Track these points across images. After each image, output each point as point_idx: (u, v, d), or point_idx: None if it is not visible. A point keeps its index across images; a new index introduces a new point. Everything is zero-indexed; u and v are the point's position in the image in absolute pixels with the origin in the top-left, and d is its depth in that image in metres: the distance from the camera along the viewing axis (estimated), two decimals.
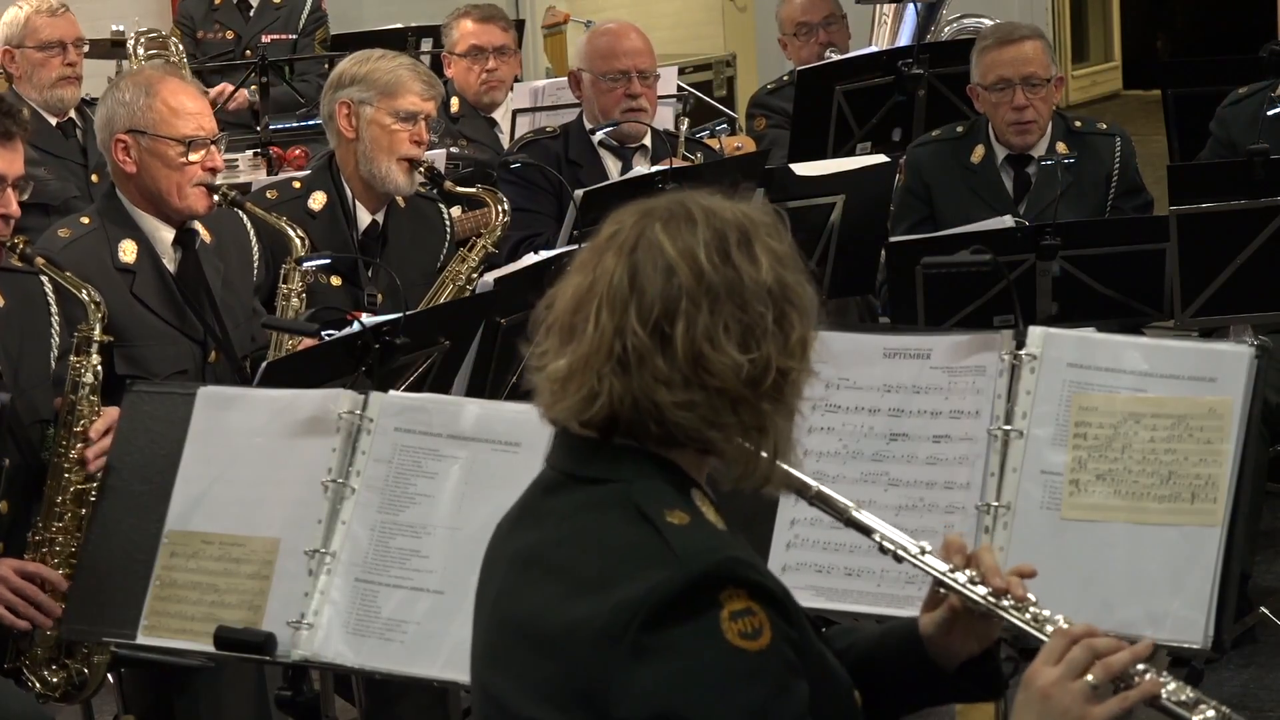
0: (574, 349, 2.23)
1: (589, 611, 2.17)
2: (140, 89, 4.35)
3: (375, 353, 3.64)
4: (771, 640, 2.15)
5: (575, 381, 2.23)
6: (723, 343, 2.20)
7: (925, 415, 3.32)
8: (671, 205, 2.26)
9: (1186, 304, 4.72)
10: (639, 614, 2.13)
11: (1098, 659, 2.26)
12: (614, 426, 2.24)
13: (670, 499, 2.23)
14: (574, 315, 2.24)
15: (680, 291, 2.20)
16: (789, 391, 2.26)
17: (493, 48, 6.96)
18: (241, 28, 8.55)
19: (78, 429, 3.84)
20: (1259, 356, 3.18)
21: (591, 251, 2.27)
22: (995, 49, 5.49)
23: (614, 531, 2.21)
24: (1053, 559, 3.14)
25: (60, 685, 3.88)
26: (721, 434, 2.23)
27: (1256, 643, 5.08)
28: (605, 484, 2.24)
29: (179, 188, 4.31)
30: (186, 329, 4.34)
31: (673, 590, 2.14)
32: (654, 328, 2.19)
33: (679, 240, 2.22)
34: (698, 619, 2.13)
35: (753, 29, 12.13)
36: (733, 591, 2.14)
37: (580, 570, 2.21)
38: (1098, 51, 14.28)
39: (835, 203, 5.28)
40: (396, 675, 3.29)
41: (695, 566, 2.15)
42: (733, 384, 2.20)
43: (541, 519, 2.30)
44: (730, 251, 2.23)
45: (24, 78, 6.39)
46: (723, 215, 2.26)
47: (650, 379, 2.19)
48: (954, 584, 2.41)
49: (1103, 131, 5.66)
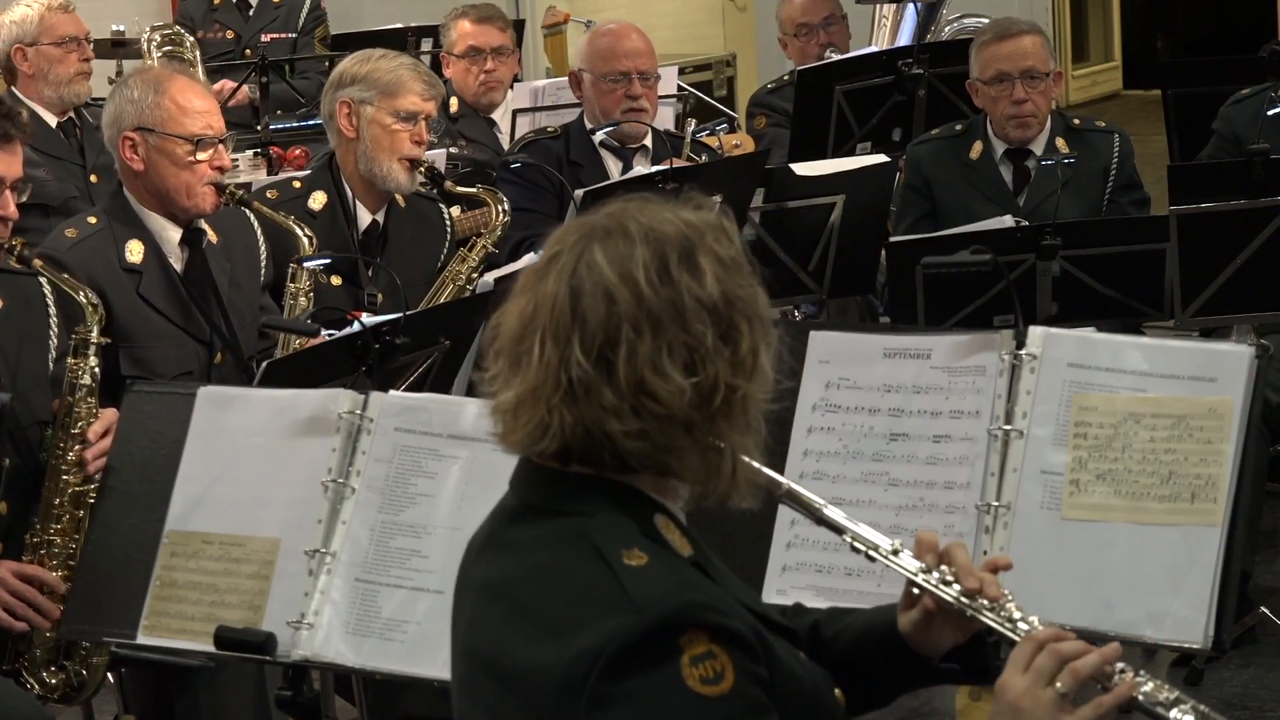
0: (521, 380, 2.21)
1: (550, 659, 2.14)
2: (149, 87, 4.36)
3: (375, 353, 3.64)
4: (735, 683, 2.11)
5: (525, 413, 2.20)
6: (666, 368, 2.16)
7: (925, 415, 3.32)
8: (610, 224, 2.22)
9: (1186, 304, 4.72)
10: (598, 664, 2.10)
11: (1065, 664, 2.23)
12: (569, 456, 2.21)
13: (629, 535, 2.20)
14: (519, 344, 2.22)
15: (621, 318, 2.16)
16: (739, 407, 2.21)
17: (490, 48, 6.97)
18: (241, 27, 8.55)
19: (75, 431, 3.84)
20: (1259, 356, 3.18)
21: (533, 274, 2.24)
22: (994, 43, 5.51)
23: (572, 572, 2.18)
24: (1053, 559, 3.14)
25: (59, 687, 3.88)
26: (677, 457, 2.20)
27: (1256, 643, 5.08)
28: (564, 517, 2.22)
29: (187, 186, 4.32)
30: (192, 329, 4.35)
31: (631, 638, 2.10)
32: (598, 357, 2.16)
33: (618, 262, 2.18)
34: (658, 667, 2.10)
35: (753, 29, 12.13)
36: (693, 635, 2.11)
37: (541, 613, 2.18)
38: (1098, 51, 14.28)
39: (835, 203, 5.29)
40: (397, 675, 3.29)
41: (653, 613, 2.11)
42: (679, 409, 2.16)
43: (504, 550, 2.28)
44: (670, 270, 2.18)
45: (38, 75, 6.40)
46: (663, 231, 2.21)
47: (599, 409, 2.16)
48: (926, 585, 2.39)
49: (1101, 129, 5.68)
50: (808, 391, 3.35)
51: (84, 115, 6.48)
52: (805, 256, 5.33)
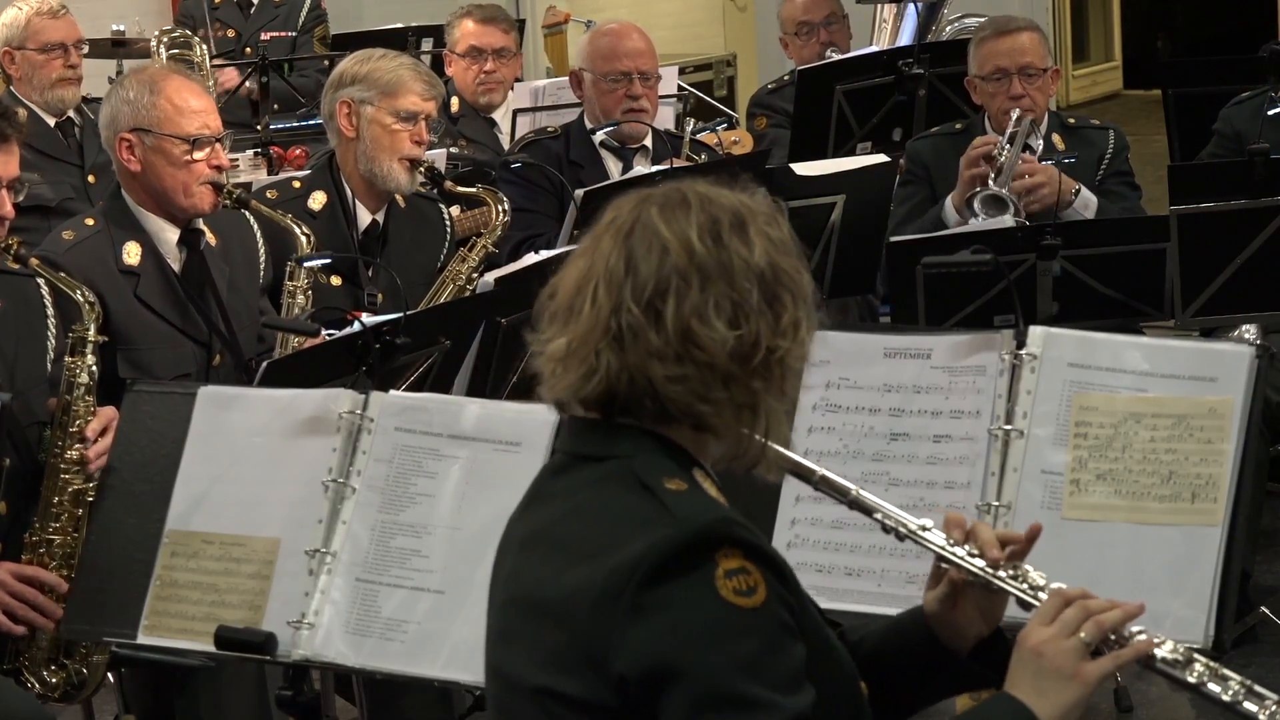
0: (573, 328, 2.30)
1: (588, 576, 2.22)
2: (145, 87, 4.35)
3: (376, 352, 3.64)
4: (766, 599, 2.19)
5: (574, 358, 2.29)
6: (711, 318, 2.26)
7: (926, 415, 3.32)
8: (668, 191, 2.34)
9: (1186, 304, 4.72)
10: (636, 573, 2.19)
11: (1090, 616, 2.31)
12: (613, 403, 2.30)
13: (670, 470, 2.29)
14: (574, 297, 2.31)
15: (672, 270, 2.26)
16: (779, 371, 2.30)
17: (492, 50, 6.97)
18: (241, 26, 8.56)
19: (73, 430, 3.84)
20: (1259, 356, 3.18)
21: (591, 238, 2.35)
22: (992, 39, 5.52)
23: (615, 502, 2.28)
24: (1053, 559, 3.12)
25: (59, 685, 3.88)
26: (713, 409, 2.28)
27: (1257, 642, 5.07)
28: (608, 460, 2.31)
29: (184, 186, 4.31)
30: (190, 330, 4.34)
31: (669, 549, 2.19)
32: (647, 304, 2.26)
33: (673, 223, 2.29)
34: (693, 575, 2.18)
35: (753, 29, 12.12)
36: (728, 551, 2.19)
37: (581, 541, 2.26)
38: (1098, 51, 14.28)
39: (835, 203, 5.28)
40: (397, 675, 3.29)
41: (691, 525, 2.21)
42: (721, 359, 2.26)
43: (548, 500, 2.36)
44: (722, 234, 2.29)
45: (24, 79, 6.40)
46: (719, 201, 2.33)
47: (644, 353, 2.26)
48: (952, 557, 2.45)
49: (1096, 126, 5.70)
50: (808, 392, 3.35)
51: (85, 114, 6.48)
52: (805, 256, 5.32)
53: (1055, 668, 2.30)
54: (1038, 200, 5.29)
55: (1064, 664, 2.29)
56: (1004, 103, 5.46)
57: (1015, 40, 5.49)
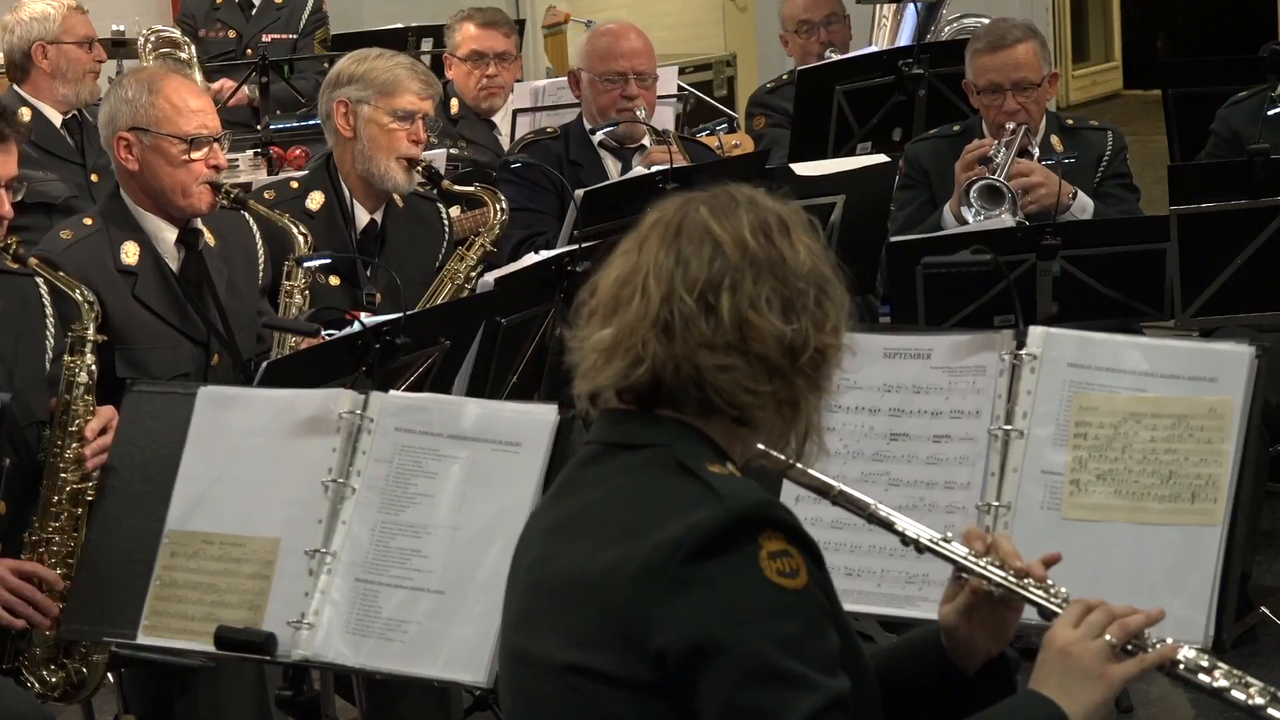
0: (619, 319, 2.32)
1: (627, 552, 2.24)
2: (143, 86, 4.35)
3: (375, 352, 3.64)
4: (808, 583, 2.22)
5: (620, 349, 2.31)
6: (766, 311, 2.29)
7: (926, 415, 3.32)
8: (715, 193, 2.37)
9: (1186, 304, 4.72)
10: (680, 549, 2.21)
11: (1115, 619, 2.34)
12: (654, 395, 2.32)
13: (710, 457, 2.31)
14: (620, 291, 2.33)
15: (725, 265, 2.30)
16: (824, 370, 2.33)
17: (494, 54, 6.97)
18: (243, 27, 8.55)
19: (73, 429, 3.84)
20: (1259, 356, 3.18)
21: (633, 238, 2.37)
22: (986, 53, 5.45)
23: (656, 484, 2.29)
24: None
25: (59, 685, 3.88)
26: (756, 400, 2.30)
27: (1257, 643, 5.07)
28: (647, 448, 2.32)
29: (182, 186, 4.31)
30: (189, 330, 4.34)
31: (714, 527, 2.22)
32: (699, 296, 2.29)
33: (723, 221, 2.33)
34: (737, 553, 2.21)
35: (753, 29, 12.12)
36: (772, 533, 2.23)
37: (620, 521, 2.28)
38: (1098, 51, 14.27)
39: (835, 203, 5.28)
40: (397, 675, 3.29)
41: (737, 506, 2.23)
42: (774, 351, 2.29)
43: (580, 487, 2.37)
44: (772, 233, 2.33)
45: (56, 73, 6.41)
46: (764, 204, 2.36)
47: (694, 343, 2.28)
48: (976, 567, 2.46)
49: (1095, 127, 5.68)
50: None
51: (85, 114, 6.48)
52: None
53: (1082, 668, 2.33)
54: (1035, 201, 5.28)
55: (1091, 664, 2.33)
56: (999, 116, 5.43)
57: (1010, 55, 5.41)
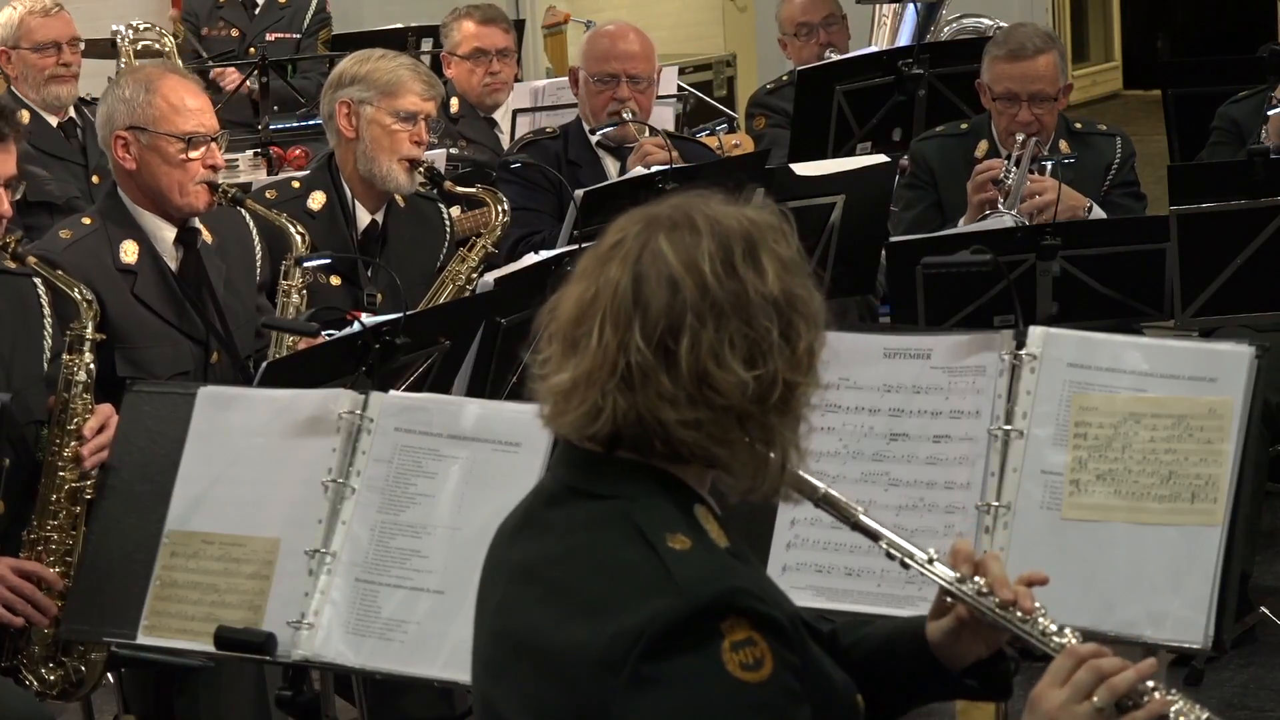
0: (576, 363, 2.20)
1: (588, 636, 2.14)
2: (140, 85, 4.35)
3: (375, 353, 3.64)
4: (773, 671, 2.12)
5: (578, 396, 2.20)
6: (728, 360, 2.16)
7: (925, 415, 3.32)
8: (675, 214, 2.22)
9: (1186, 304, 4.72)
10: (639, 643, 2.11)
11: (1103, 679, 2.24)
12: (618, 441, 2.21)
13: (672, 520, 2.20)
14: (577, 327, 2.21)
15: (685, 307, 2.16)
16: (796, 403, 2.23)
17: (495, 49, 6.97)
18: (246, 25, 8.56)
19: (71, 427, 3.84)
20: (1259, 357, 3.18)
21: (595, 259, 2.23)
22: (1006, 61, 5.39)
23: (614, 553, 2.19)
24: (1053, 559, 3.14)
25: (58, 683, 3.88)
26: (728, 450, 2.20)
27: (1256, 643, 5.08)
28: (607, 500, 2.22)
29: (180, 185, 4.31)
30: (188, 329, 4.34)
31: (673, 620, 2.11)
32: (658, 344, 2.16)
33: (683, 252, 2.18)
34: (699, 650, 2.11)
35: (753, 29, 12.12)
36: (734, 621, 2.12)
37: (580, 591, 2.18)
38: (1098, 51, 14.28)
39: (835, 203, 5.28)
40: (397, 675, 3.29)
41: (696, 596, 2.12)
42: (739, 401, 2.17)
43: (543, 531, 2.27)
44: (735, 264, 2.19)
45: (21, 78, 6.41)
46: (727, 224, 2.22)
47: (655, 396, 2.16)
48: (962, 595, 2.39)
49: (1103, 132, 5.66)
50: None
51: (85, 114, 6.48)
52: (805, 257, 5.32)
53: None
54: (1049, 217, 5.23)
55: None
56: (1011, 124, 5.40)
57: (1030, 66, 5.37)
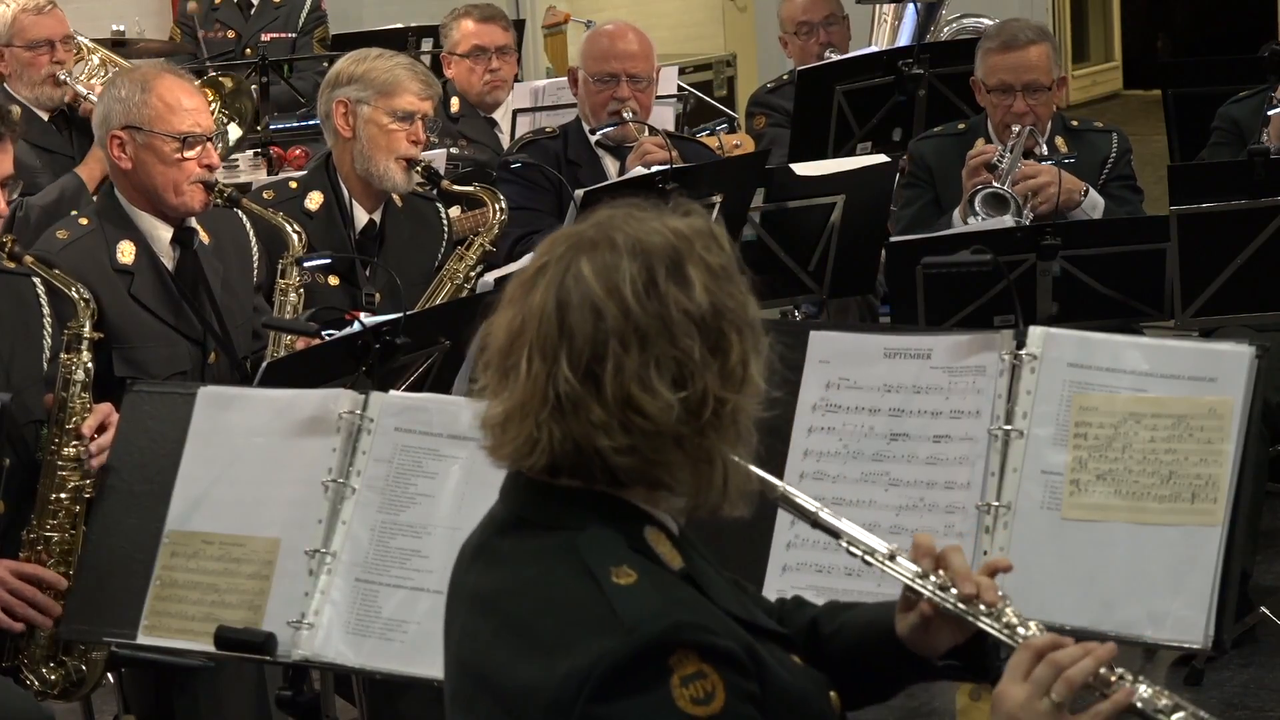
0: (509, 395, 2.20)
1: (540, 678, 2.13)
2: (136, 85, 4.36)
3: (375, 353, 3.64)
4: (726, 702, 2.10)
5: (513, 428, 2.19)
6: (654, 383, 2.15)
7: (925, 415, 3.31)
8: (596, 235, 2.21)
9: (1186, 304, 4.72)
10: (586, 686, 2.10)
11: (1060, 673, 2.24)
12: (559, 470, 2.21)
13: (618, 551, 2.19)
14: (506, 358, 2.21)
15: (607, 333, 2.15)
16: (729, 419, 2.20)
17: (495, 47, 6.98)
18: (242, 26, 8.56)
19: (70, 426, 3.84)
20: (1259, 356, 3.18)
21: (520, 285, 2.23)
22: (999, 53, 5.43)
23: (561, 589, 2.18)
24: (1053, 559, 3.14)
25: (58, 682, 3.89)
26: (667, 470, 2.19)
27: (1257, 643, 5.07)
28: (553, 531, 2.21)
29: (175, 184, 4.32)
30: (185, 329, 4.34)
31: (619, 661, 2.10)
32: (585, 372, 2.15)
33: (604, 275, 2.16)
34: (648, 690, 2.09)
35: (753, 29, 12.13)
36: (682, 655, 2.10)
37: (531, 629, 2.18)
38: (1098, 51, 14.28)
39: (835, 203, 5.28)
40: (397, 675, 3.29)
41: (641, 635, 2.10)
42: (668, 424, 2.15)
43: (494, 562, 2.27)
44: (658, 283, 2.17)
45: (14, 75, 6.40)
46: (650, 242, 2.19)
47: (587, 424, 2.15)
48: (924, 590, 2.38)
49: (1099, 129, 5.67)
50: (808, 391, 3.35)
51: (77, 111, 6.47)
52: (805, 256, 5.33)
53: None
54: (1045, 200, 5.25)
55: None
56: (1006, 116, 5.41)
57: (1023, 56, 5.39)
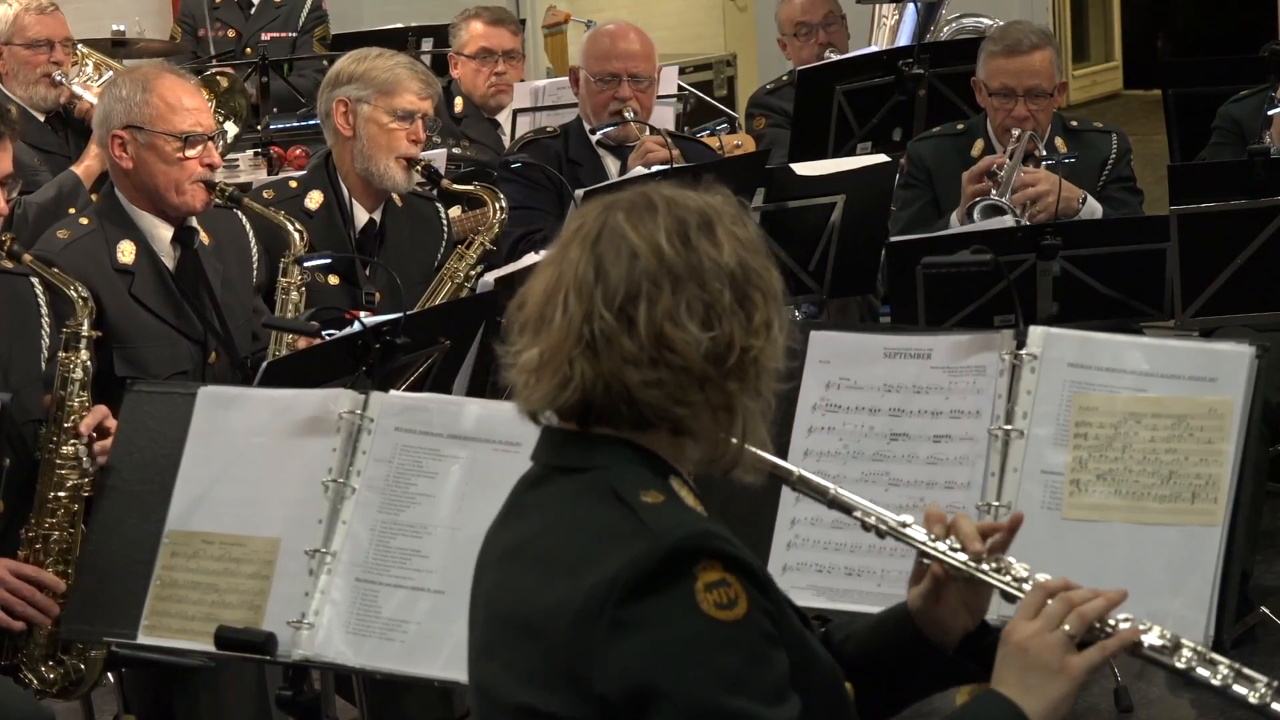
0: (544, 338, 2.29)
1: (567, 592, 2.21)
2: (137, 85, 4.36)
3: (376, 352, 3.64)
4: (748, 611, 2.18)
5: (548, 369, 2.28)
6: (684, 321, 2.24)
7: (926, 415, 3.32)
8: (634, 196, 2.33)
9: (1186, 304, 4.72)
10: (614, 589, 2.17)
11: (1073, 609, 2.31)
12: (588, 413, 2.29)
13: (647, 481, 2.27)
14: (543, 307, 2.30)
15: (642, 274, 2.25)
16: (753, 371, 2.29)
17: (502, 51, 6.97)
18: (242, 26, 8.56)
19: (68, 425, 3.84)
20: (1259, 357, 3.19)
21: (557, 247, 2.33)
22: (1002, 56, 5.41)
23: (591, 516, 2.26)
24: (1053, 559, 3.13)
25: (57, 681, 3.89)
26: (689, 412, 2.27)
27: (1256, 643, 5.07)
28: (584, 472, 2.29)
29: (176, 184, 4.32)
30: (186, 328, 4.35)
31: (647, 564, 2.18)
32: (619, 310, 2.25)
33: (640, 227, 2.28)
34: (672, 590, 2.17)
35: (753, 29, 12.13)
36: (707, 563, 2.18)
37: (560, 556, 2.25)
38: (1098, 51, 14.28)
39: (835, 203, 5.28)
40: (397, 675, 3.29)
41: (668, 540, 2.19)
42: (695, 361, 2.24)
43: (525, 513, 2.35)
44: (690, 235, 2.28)
45: (11, 74, 6.40)
46: (684, 203, 2.31)
47: (619, 360, 2.24)
48: (934, 551, 2.44)
49: (1099, 129, 5.66)
50: (808, 391, 3.35)
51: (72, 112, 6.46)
52: (805, 256, 5.33)
53: (1041, 663, 2.29)
54: (1043, 209, 5.24)
55: (1050, 659, 2.29)
56: (1007, 120, 5.41)
57: (1026, 61, 5.38)
